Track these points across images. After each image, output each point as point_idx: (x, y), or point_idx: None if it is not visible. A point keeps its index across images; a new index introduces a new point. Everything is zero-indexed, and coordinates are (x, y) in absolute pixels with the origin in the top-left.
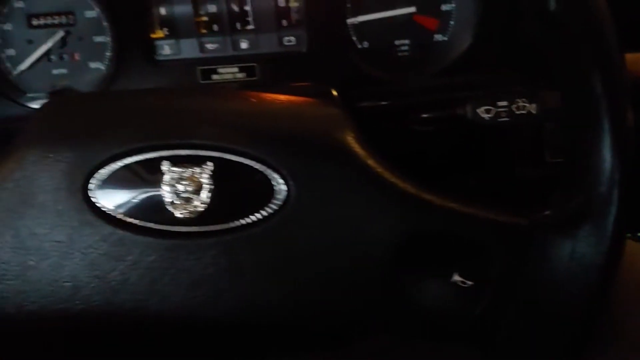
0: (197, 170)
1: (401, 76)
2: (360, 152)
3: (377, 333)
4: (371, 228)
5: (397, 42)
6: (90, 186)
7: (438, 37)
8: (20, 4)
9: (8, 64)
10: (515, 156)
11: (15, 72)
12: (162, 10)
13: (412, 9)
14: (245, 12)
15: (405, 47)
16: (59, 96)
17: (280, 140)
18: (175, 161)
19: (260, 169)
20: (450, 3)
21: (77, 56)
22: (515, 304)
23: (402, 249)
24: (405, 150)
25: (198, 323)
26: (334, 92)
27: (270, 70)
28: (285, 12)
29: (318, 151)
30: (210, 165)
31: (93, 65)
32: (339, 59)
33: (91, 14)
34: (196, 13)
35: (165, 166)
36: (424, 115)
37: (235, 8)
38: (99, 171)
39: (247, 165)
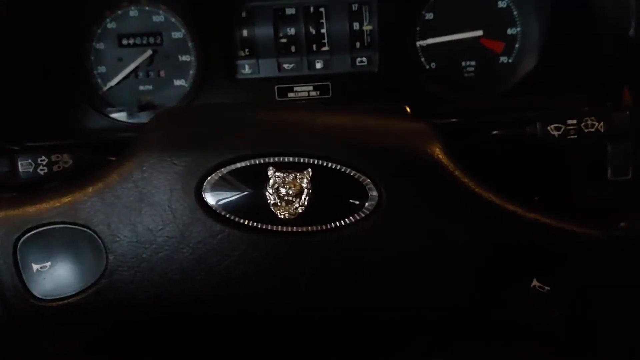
0: (299, 175)
1: (467, 96)
2: (448, 164)
3: (459, 335)
4: (458, 237)
5: (463, 64)
6: (202, 188)
7: (503, 59)
8: (112, 25)
9: (99, 80)
10: (576, 176)
11: (105, 88)
12: (245, 32)
13: (479, 33)
14: (322, 34)
15: (472, 69)
16: (171, 107)
17: (373, 150)
18: (280, 167)
19: (355, 176)
20: (516, 27)
21: (162, 73)
22: (590, 309)
23: (487, 257)
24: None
25: (295, 316)
26: (407, 109)
27: (342, 88)
28: (359, 35)
29: (408, 161)
30: (310, 172)
31: (177, 82)
32: (408, 79)
33: (178, 34)
34: (276, 35)
35: (270, 171)
36: (494, 133)
37: (313, 31)
38: (211, 174)
39: (343, 172)
